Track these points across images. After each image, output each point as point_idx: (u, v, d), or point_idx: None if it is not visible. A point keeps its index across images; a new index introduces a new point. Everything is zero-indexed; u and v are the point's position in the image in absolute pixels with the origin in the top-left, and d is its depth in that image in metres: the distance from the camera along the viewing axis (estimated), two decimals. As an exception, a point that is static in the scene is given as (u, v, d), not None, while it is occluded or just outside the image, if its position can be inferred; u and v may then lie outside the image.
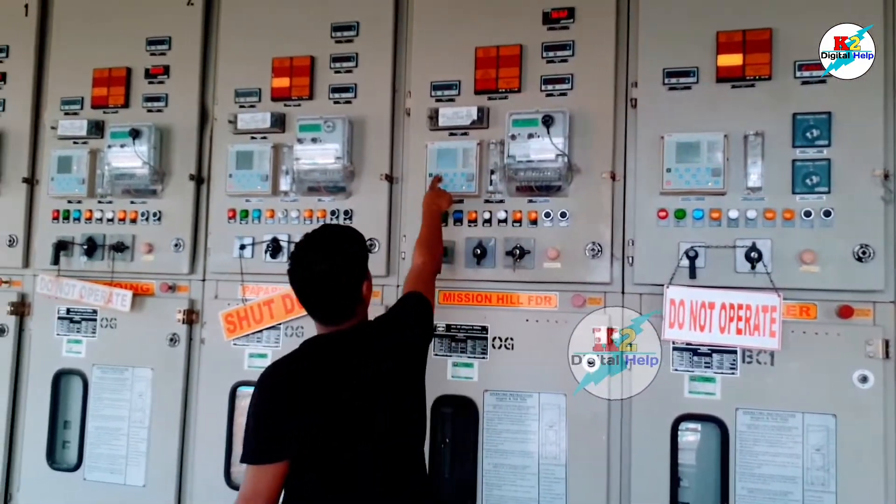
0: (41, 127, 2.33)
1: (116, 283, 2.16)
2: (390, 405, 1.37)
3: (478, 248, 1.87)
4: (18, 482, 2.25)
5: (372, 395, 1.34)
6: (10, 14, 2.36)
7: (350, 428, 1.30)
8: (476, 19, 1.94)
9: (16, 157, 2.33)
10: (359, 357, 1.35)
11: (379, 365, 1.37)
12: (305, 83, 2.06)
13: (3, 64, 2.38)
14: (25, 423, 2.26)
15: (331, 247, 1.36)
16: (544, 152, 1.79)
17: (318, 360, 1.34)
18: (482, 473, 1.84)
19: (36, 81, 2.34)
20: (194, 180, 2.14)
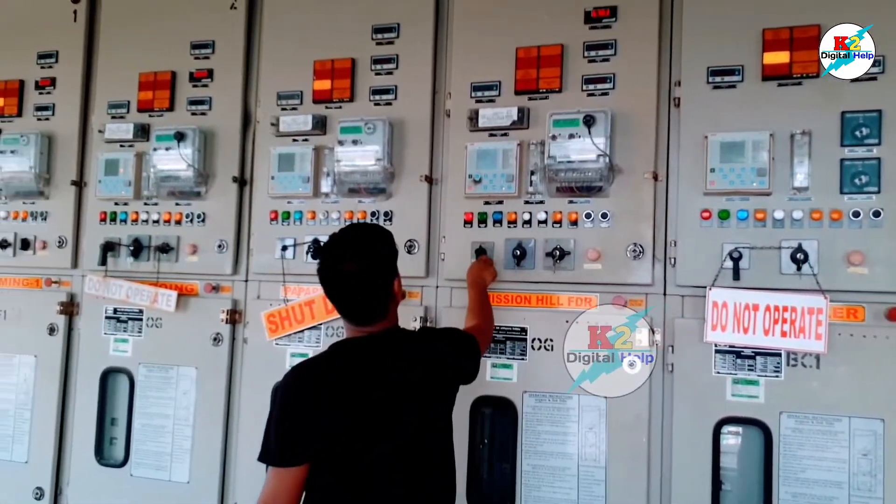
0: (89, 130, 2.66)
1: (162, 283, 2.46)
2: (415, 413, 1.50)
3: (517, 250, 2.07)
4: (68, 477, 2.58)
5: (397, 401, 1.48)
6: (60, 20, 2.70)
7: (372, 432, 1.45)
8: (517, 19, 2.15)
9: (65, 160, 2.66)
10: (388, 362, 1.50)
11: (408, 372, 1.51)
12: (346, 85, 2.31)
13: (53, 69, 2.71)
14: (74, 419, 2.58)
15: (360, 246, 1.51)
16: (585, 153, 1.98)
17: (345, 363, 1.48)
18: (521, 474, 2.05)
19: (84, 86, 2.67)
20: (237, 182, 2.42)
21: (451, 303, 2.18)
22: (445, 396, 1.63)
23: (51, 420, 2.60)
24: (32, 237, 2.68)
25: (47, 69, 2.72)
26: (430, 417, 1.56)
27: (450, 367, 1.62)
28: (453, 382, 1.65)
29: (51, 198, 2.68)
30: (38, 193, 2.67)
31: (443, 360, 1.60)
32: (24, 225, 2.70)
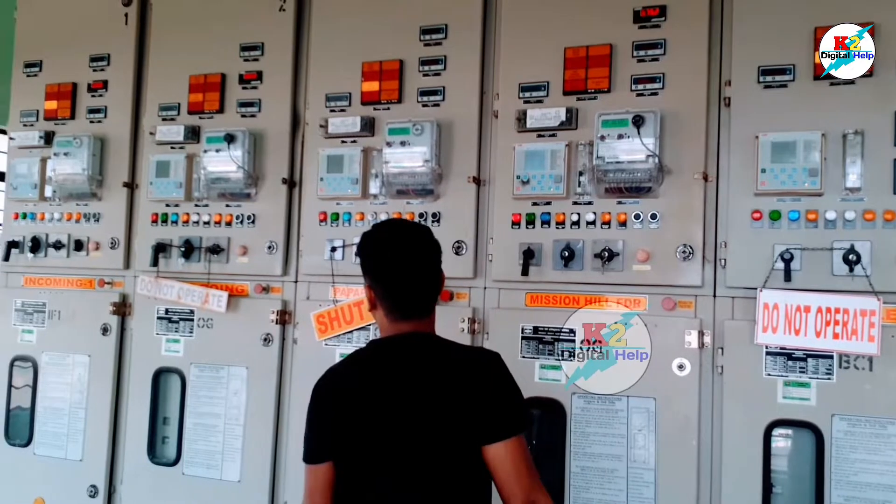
0: (140, 133, 3.07)
1: (213, 284, 2.84)
2: (427, 448, 1.57)
3: (565, 251, 2.35)
4: (122, 475, 2.98)
5: (407, 428, 1.58)
6: (111, 24, 3.12)
7: (376, 454, 1.60)
8: (565, 19, 2.44)
9: (117, 162, 3.08)
10: (402, 380, 1.61)
11: (422, 397, 1.59)
12: (395, 87, 2.63)
13: (105, 72, 3.13)
14: (127, 419, 2.99)
15: (417, 234, 1.73)
16: (634, 153, 2.24)
17: (370, 369, 1.66)
18: (570, 476, 2.33)
19: (135, 89, 3.08)
20: (287, 184, 2.78)
21: (499, 304, 2.48)
22: (460, 441, 1.58)
23: (104, 419, 3.01)
24: (86, 238, 3.10)
25: (99, 72, 3.14)
26: (445, 460, 1.59)
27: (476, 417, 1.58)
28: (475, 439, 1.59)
29: (103, 199, 3.09)
30: (90, 195, 3.10)
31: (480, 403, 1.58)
32: (78, 226, 3.13)
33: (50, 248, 3.15)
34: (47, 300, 3.17)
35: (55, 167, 3.07)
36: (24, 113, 3.28)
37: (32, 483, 3.12)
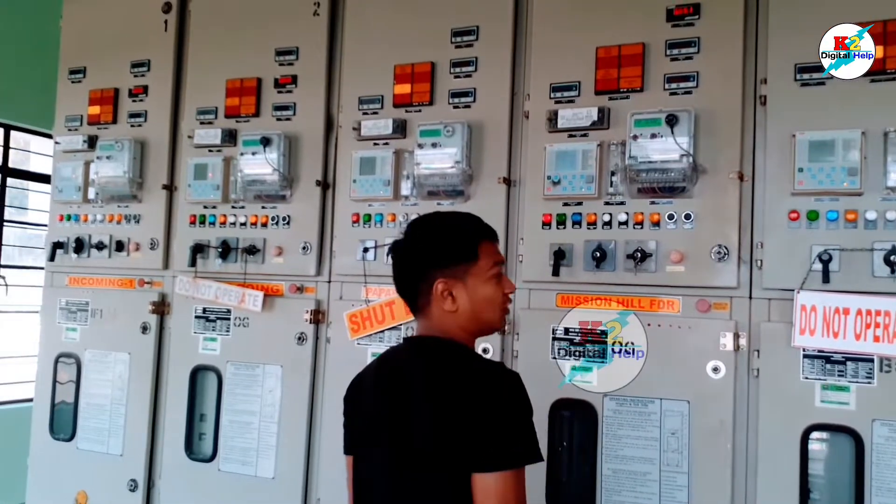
0: (179, 136, 3.13)
1: (249, 284, 2.87)
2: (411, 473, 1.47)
3: (597, 251, 2.33)
4: (160, 470, 3.03)
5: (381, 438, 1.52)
6: (151, 30, 3.19)
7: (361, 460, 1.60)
8: (597, 19, 2.41)
9: (156, 165, 3.14)
10: (415, 386, 1.50)
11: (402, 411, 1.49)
12: (426, 89, 2.63)
13: (145, 78, 3.20)
14: (166, 415, 3.04)
15: (415, 226, 1.64)
16: (668, 153, 2.21)
17: (380, 372, 1.61)
18: (601, 478, 2.30)
19: (174, 93, 3.14)
20: (320, 186, 2.80)
21: (530, 305, 2.46)
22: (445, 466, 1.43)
23: (144, 415, 3.08)
24: (126, 239, 3.17)
25: (140, 78, 3.21)
26: (432, 482, 1.46)
27: (465, 442, 1.41)
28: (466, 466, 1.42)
29: (143, 201, 3.16)
30: (131, 197, 3.17)
31: (470, 427, 1.41)
32: (119, 227, 3.20)
33: (93, 248, 3.23)
34: (90, 299, 3.25)
35: (98, 170, 3.15)
36: (69, 118, 3.37)
37: (76, 476, 3.20)
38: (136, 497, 3.05)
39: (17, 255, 5.60)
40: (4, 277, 5.25)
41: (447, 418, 1.43)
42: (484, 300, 1.57)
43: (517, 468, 1.42)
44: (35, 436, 3.36)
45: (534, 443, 1.44)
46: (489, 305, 1.58)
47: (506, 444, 1.41)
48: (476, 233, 1.62)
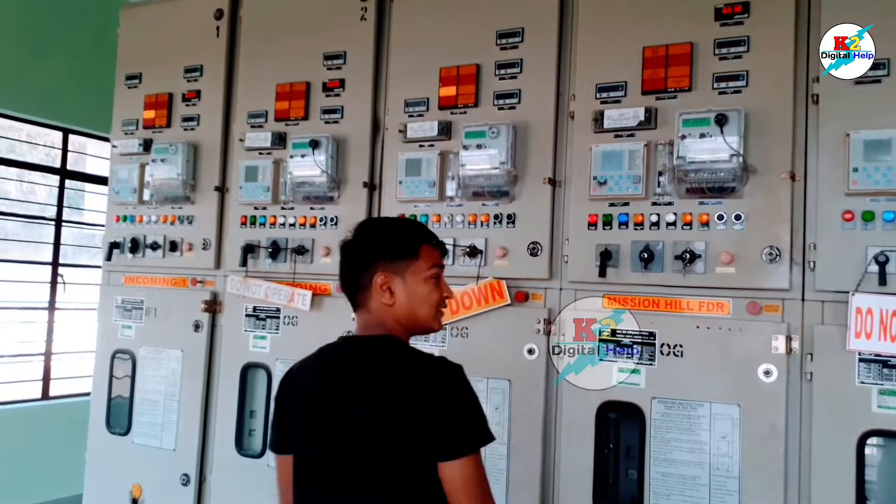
0: (230, 139, 3.20)
1: (298, 283, 2.92)
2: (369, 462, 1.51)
3: (644, 252, 2.30)
4: (211, 465, 3.10)
5: (341, 433, 1.55)
6: (204, 36, 3.26)
7: (316, 456, 1.58)
8: (643, 19, 2.38)
9: (209, 167, 3.21)
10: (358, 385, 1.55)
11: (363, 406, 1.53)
12: (471, 91, 2.64)
13: (198, 83, 3.28)
14: (217, 411, 3.10)
15: (367, 226, 1.75)
16: (717, 152, 2.17)
17: (319, 371, 1.65)
18: (649, 482, 2.27)
19: (226, 97, 3.21)
20: (367, 187, 2.83)
21: (575, 305, 2.44)
22: (415, 467, 1.50)
23: (196, 411, 3.15)
24: (180, 239, 3.25)
25: (193, 82, 3.29)
26: (390, 476, 1.51)
27: (428, 432, 1.48)
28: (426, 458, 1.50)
29: (196, 203, 3.24)
30: (184, 199, 3.25)
31: (433, 418, 1.49)
32: (172, 228, 3.28)
33: (147, 248, 3.32)
34: (144, 297, 3.34)
35: (153, 172, 3.24)
36: (125, 122, 3.47)
37: (131, 469, 3.29)
38: (189, 491, 3.12)
39: (73, 254, 5.78)
40: (63, 276, 5.43)
41: (412, 414, 1.49)
42: (420, 298, 1.65)
43: (478, 451, 1.53)
44: (92, 430, 3.47)
45: (487, 425, 1.57)
46: (424, 304, 1.66)
47: (471, 430, 1.54)
48: (420, 234, 1.72)
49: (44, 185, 5.55)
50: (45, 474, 4.91)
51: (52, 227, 5.48)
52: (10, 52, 4.93)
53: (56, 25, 5.19)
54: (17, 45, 4.97)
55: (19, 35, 4.99)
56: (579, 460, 2.36)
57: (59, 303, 5.39)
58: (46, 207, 5.56)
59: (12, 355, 5.28)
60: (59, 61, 5.19)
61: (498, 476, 2.48)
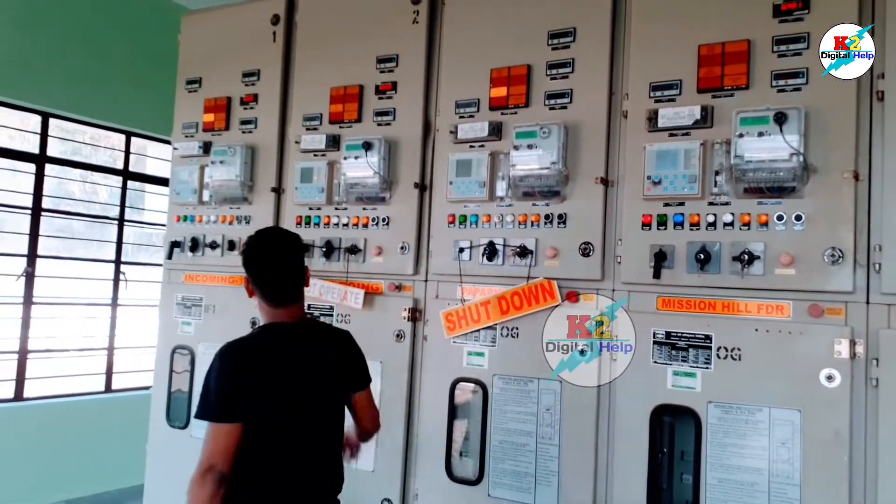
0: (286, 141, 3.24)
1: (351, 282, 2.95)
2: (326, 397, 2.11)
3: (701, 253, 2.24)
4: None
5: (315, 384, 2.07)
6: (261, 42, 3.32)
7: (293, 407, 1.99)
8: (698, 16, 2.33)
9: (265, 169, 3.27)
10: (312, 350, 2.10)
11: (327, 363, 2.11)
12: (522, 91, 2.62)
13: (255, 86, 3.34)
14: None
15: (285, 240, 2.15)
16: (777, 151, 2.11)
17: (275, 347, 2.03)
18: (705, 487, 2.21)
19: (282, 101, 3.27)
20: (418, 188, 2.84)
21: (629, 306, 2.40)
22: (343, 391, 2.19)
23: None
24: (237, 239, 3.32)
25: (250, 86, 3.36)
26: (336, 403, 2.17)
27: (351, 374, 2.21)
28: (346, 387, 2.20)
29: (253, 203, 3.30)
30: (242, 199, 3.32)
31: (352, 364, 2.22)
32: (231, 228, 3.35)
33: (206, 247, 3.40)
34: (203, 295, 3.43)
35: (212, 174, 3.32)
36: (186, 125, 3.57)
37: (189, 463, 3.33)
38: (245, 482, 3.18)
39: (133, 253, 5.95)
40: (125, 273, 5.60)
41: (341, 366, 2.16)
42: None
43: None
44: (153, 423, 3.57)
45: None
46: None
47: (367, 371, 2.29)
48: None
49: (105, 185, 5.74)
50: (108, 465, 5.07)
51: (114, 226, 5.66)
52: (77, 59, 5.12)
53: (120, 33, 5.37)
54: (83, 53, 5.15)
55: (85, 43, 5.18)
56: (633, 464, 2.32)
57: (122, 299, 5.56)
58: (108, 207, 5.74)
59: (78, 349, 5.48)
60: (122, 67, 5.37)
61: (549, 477, 2.46)
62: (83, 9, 5.16)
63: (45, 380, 5.14)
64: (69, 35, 5.10)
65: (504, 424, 2.57)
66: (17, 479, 4.71)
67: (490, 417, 2.61)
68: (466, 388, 2.69)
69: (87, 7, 5.18)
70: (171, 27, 3.78)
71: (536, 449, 2.51)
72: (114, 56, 5.32)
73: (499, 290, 2.61)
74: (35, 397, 5.03)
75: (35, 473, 4.78)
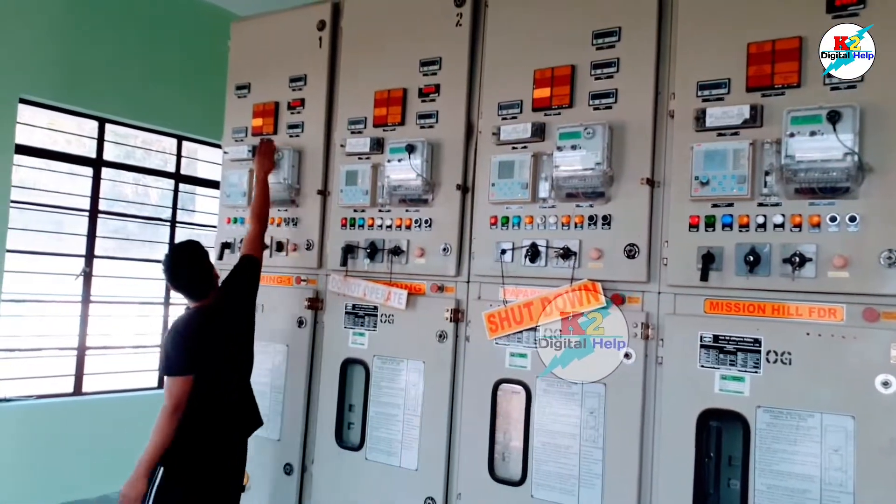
0: (332, 145, 3.27)
1: (394, 283, 2.96)
2: (238, 351, 2.95)
3: (750, 255, 2.18)
4: (313, 456, 3.19)
5: (228, 343, 2.90)
6: (307, 47, 3.37)
7: (218, 363, 2.82)
8: (747, 14, 2.27)
9: (312, 172, 3.31)
10: (220, 321, 2.86)
11: (229, 326, 2.92)
12: (566, 92, 2.59)
13: (302, 91, 3.39)
14: (318, 404, 3.19)
15: (177, 257, 2.84)
16: (829, 151, 2.03)
17: (204, 321, 2.80)
18: (754, 493, 2.15)
19: (328, 105, 3.31)
20: (460, 190, 2.84)
21: (675, 309, 2.35)
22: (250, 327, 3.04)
23: (299, 404, 3.25)
24: (285, 240, 3.37)
25: (297, 91, 3.40)
26: (245, 351, 3.02)
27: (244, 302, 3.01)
28: (249, 303, 3.04)
29: (300, 205, 3.35)
30: (289, 202, 3.36)
31: (240, 303, 2.98)
32: (279, 230, 3.41)
33: (257, 249, 3.45)
34: (254, 295, 3.48)
35: (260, 177, 3.36)
36: (236, 130, 3.64)
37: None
38: (292, 480, 3.23)
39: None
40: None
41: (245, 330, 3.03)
42: None
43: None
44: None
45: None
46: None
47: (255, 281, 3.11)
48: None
49: (156, 188, 5.89)
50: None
51: (167, 227, 5.81)
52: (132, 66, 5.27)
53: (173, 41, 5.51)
54: (137, 61, 5.30)
55: (140, 51, 5.33)
56: (679, 468, 2.27)
57: (173, 298, 5.70)
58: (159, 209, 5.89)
59: (133, 346, 5.64)
60: (174, 74, 5.51)
61: (593, 480, 2.43)
62: (137, 18, 5.31)
63: (103, 375, 5.32)
64: (124, 44, 5.26)
65: (547, 426, 2.55)
66: (78, 469, 4.89)
67: (533, 419, 2.59)
68: (509, 389, 2.68)
69: (140, 17, 5.33)
70: (221, 34, 3.86)
71: (580, 451, 2.48)
72: (167, 63, 5.47)
73: (541, 291, 2.59)
74: (93, 392, 5.21)
75: (93, 465, 4.95)
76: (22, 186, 4.93)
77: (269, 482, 3.31)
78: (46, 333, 5.21)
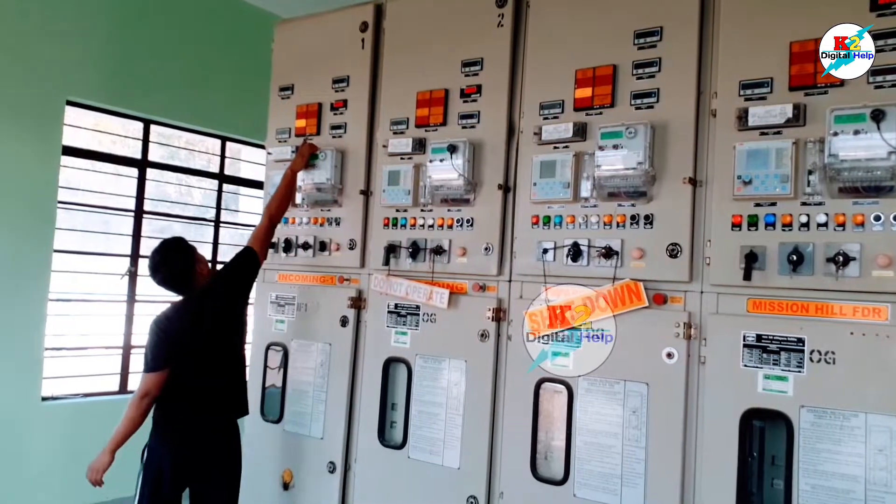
0: (374, 145, 3.47)
1: (436, 282, 3.13)
2: (220, 340, 3.28)
3: (793, 255, 2.28)
4: (356, 454, 3.38)
5: (211, 332, 3.23)
6: (350, 49, 3.56)
7: (194, 357, 3.16)
8: (790, 13, 2.37)
9: (354, 172, 3.51)
10: (204, 311, 3.20)
11: (215, 315, 3.23)
12: (607, 91, 2.72)
13: (345, 92, 3.59)
14: (361, 403, 3.38)
15: (162, 256, 3.17)
16: (873, 150, 2.12)
17: (183, 313, 3.18)
18: (798, 494, 2.25)
19: (370, 106, 3.50)
20: (502, 189, 2.99)
21: (718, 309, 2.46)
22: (236, 321, 3.39)
23: (342, 402, 3.45)
24: (328, 240, 3.57)
25: (340, 92, 3.60)
26: (232, 343, 3.35)
27: (236, 297, 3.33)
28: (242, 298, 3.38)
29: (343, 206, 3.55)
30: (332, 202, 3.57)
31: (231, 298, 3.31)
32: (321, 229, 3.61)
33: (299, 248, 3.66)
34: (296, 294, 3.70)
35: (304, 177, 3.58)
36: (279, 131, 3.86)
37: (283, 455, 3.64)
38: (335, 478, 3.42)
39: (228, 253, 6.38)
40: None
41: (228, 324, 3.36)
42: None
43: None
44: (249, 416, 3.84)
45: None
46: None
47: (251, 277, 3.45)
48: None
49: (199, 188, 6.19)
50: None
51: (210, 227, 6.11)
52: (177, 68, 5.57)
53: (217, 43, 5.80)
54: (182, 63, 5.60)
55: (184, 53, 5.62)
56: (722, 468, 2.38)
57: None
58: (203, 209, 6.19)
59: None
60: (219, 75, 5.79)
61: (636, 480, 2.55)
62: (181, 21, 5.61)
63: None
64: (169, 46, 5.56)
65: (590, 425, 2.68)
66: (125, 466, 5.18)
67: (575, 418, 2.72)
68: (551, 388, 2.82)
69: (184, 19, 5.63)
70: (264, 36, 4.09)
71: (622, 450, 2.60)
72: (211, 65, 5.76)
73: (583, 290, 2.73)
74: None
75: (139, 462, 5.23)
76: (69, 187, 5.27)
77: (313, 480, 3.51)
78: (92, 332, 5.55)
